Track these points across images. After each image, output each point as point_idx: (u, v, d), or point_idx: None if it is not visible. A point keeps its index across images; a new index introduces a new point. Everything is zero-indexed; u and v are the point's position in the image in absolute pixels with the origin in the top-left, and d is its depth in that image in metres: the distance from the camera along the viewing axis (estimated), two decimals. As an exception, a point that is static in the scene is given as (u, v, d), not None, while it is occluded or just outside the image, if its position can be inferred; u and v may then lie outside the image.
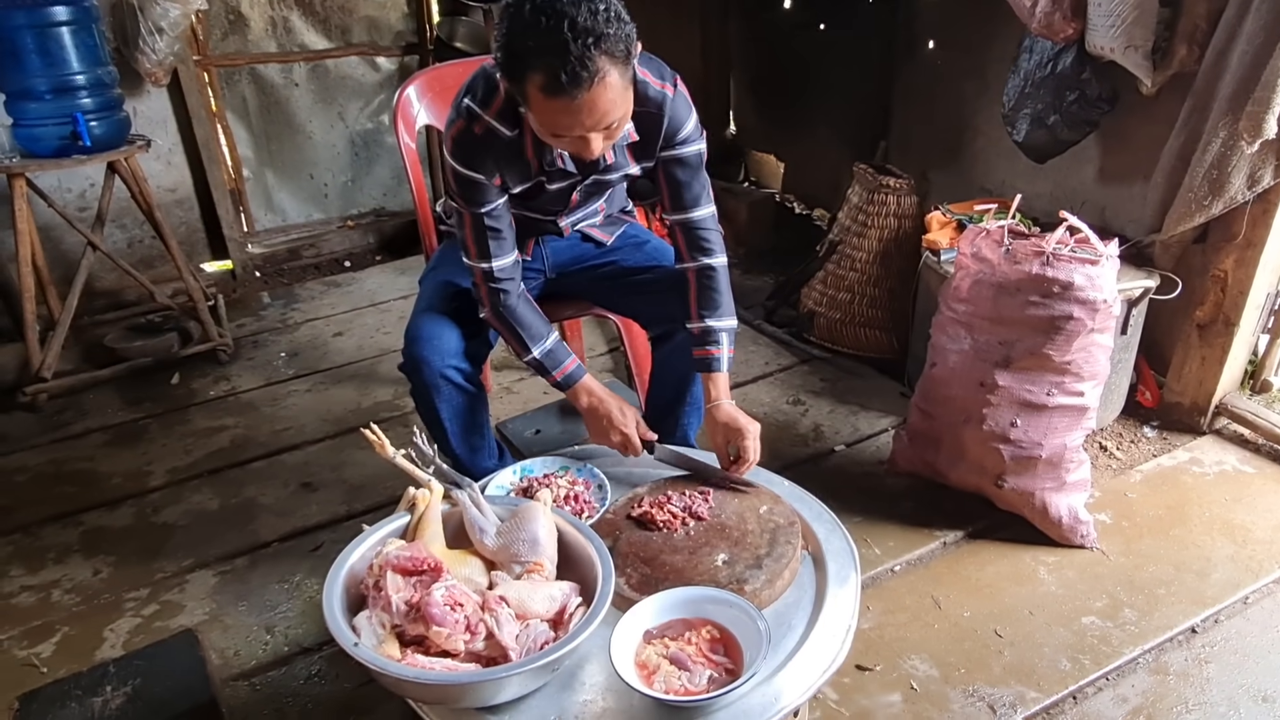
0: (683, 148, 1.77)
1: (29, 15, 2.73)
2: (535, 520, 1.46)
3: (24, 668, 1.95)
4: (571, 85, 1.36)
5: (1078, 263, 1.98)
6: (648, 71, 1.68)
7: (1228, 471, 2.45)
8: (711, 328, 1.82)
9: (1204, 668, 1.84)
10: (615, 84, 1.41)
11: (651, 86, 1.68)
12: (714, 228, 1.85)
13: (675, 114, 1.72)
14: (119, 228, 3.72)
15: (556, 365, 1.84)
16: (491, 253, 1.77)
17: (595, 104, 1.41)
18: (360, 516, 2.39)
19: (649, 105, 1.69)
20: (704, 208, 1.82)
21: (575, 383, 1.84)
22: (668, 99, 1.70)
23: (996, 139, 3.08)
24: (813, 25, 4.06)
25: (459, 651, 1.29)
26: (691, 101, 1.76)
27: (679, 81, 1.74)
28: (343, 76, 4.26)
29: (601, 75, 1.37)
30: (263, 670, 1.92)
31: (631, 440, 1.78)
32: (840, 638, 1.39)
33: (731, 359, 1.83)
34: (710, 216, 1.84)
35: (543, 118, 1.47)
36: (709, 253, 1.83)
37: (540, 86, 1.39)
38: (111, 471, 2.67)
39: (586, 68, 1.35)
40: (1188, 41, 2.29)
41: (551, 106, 1.42)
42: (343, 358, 3.35)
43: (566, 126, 1.46)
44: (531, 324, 1.83)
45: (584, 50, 1.34)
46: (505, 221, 1.77)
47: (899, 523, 2.26)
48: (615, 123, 1.49)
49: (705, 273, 1.83)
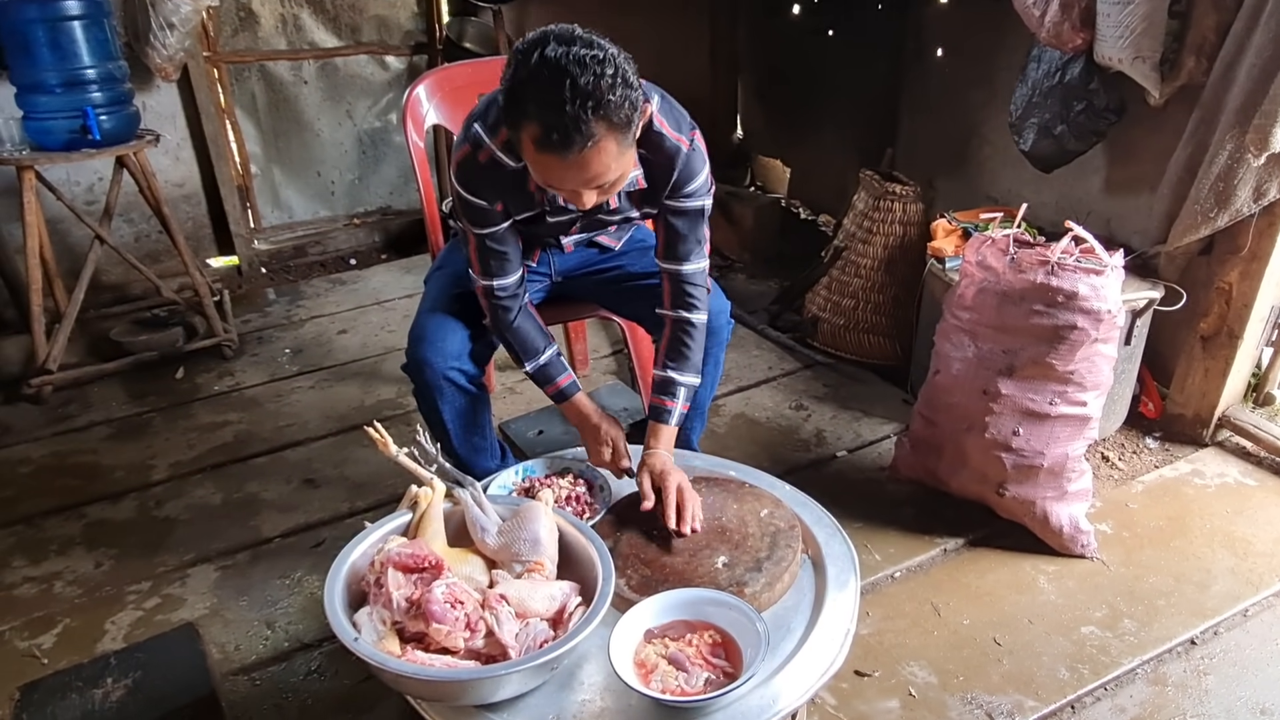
0: (687, 200, 1.74)
1: (41, 9, 2.75)
2: (536, 520, 1.46)
3: (25, 658, 1.96)
4: (562, 146, 1.35)
5: (1082, 273, 1.98)
6: (665, 122, 1.65)
7: (1229, 484, 2.45)
8: (673, 380, 1.80)
9: (1203, 679, 1.84)
10: (610, 150, 1.39)
11: (668, 139, 1.65)
12: (702, 284, 1.82)
13: (687, 167, 1.69)
14: (126, 222, 3.73)
15: (549, 381, 1.86)
16: (494, 272, 1.78)
17: (587, 166, 1.39)
18: (362, 514, 2.39)
19: (662, 156, 1.67)
20: (695, 262, 1.80)
21: (566, 400, 1.86)
22: (682, 152, 1.67)
23: (1003, 148, 3.08)
24: (821, 31, 4.06)
25: (459, 649, 1.29)
26: (707, 156, 1.73)
27: (697, 135, 1.71)
28: (352, 75, 4.28)
29: (595, 140, 1.35)
30: (263, 665, 1.93)
31: (619, 466, 1.81)
32: (839, 642, 1.39)
33: (683, 414, 1.80)
34: (700, 272, 1.81)
35: (535, 169, 1.47)
36: (692, 309, 1.81)
37: (533, 139, 1.38)
38: (115, 465, 2.68)
39: (580, 131, 1.33)
40: (1196, 53, 2.29)
41: (543, 160, 1.41)
42: (347, 355, 3.35)
43: (558, 180, 1.45)
44: (530, 339, 1.85)
45: (579, 113, 1.32)
46: (510, 243, 1.77)
47: (900, 529, 2.26)
48: (609, 184, 1.47)
49: (683, 326, 1.81)
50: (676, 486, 1.65)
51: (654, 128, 1.63)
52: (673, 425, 1.78)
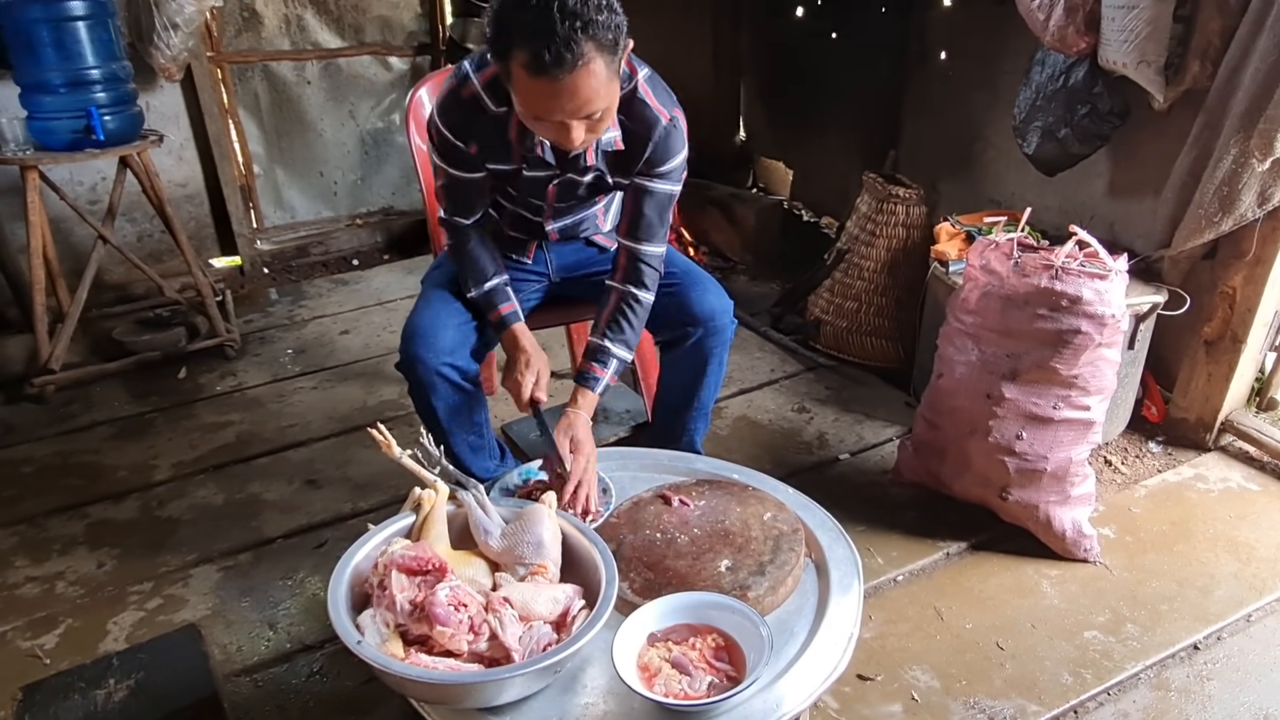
0: (658, 181, 1.78)
1: (45, 9, 2.75)
2: (540, 523, 1.46)
3: (27, 659, 1.96)
4: (555, 66, 1.38)
5: (1086, 277, 1.98)
6: (651, 93, 1.70)
7: (1232, 489, 2.45)
8: (607, 349, 1.84)
9: (1206, 685, 1.84)
10: (599, 72, 1.43)
11: (650, 108, 1.70)
12: (657, 267, 1.86)
13: (665, 141, 1.73)
14: (129, 221, 3.73)
15: (492, 307, 1.89)
16: (455, 211, 1.86)
17: (578, 89, 1.42)
18: (364, 515, 2.39)
19: (642, 124, 1.71)
20: (656, 245, 1.84)
21: (505, 328, 1.89)
22: (660, 124, 1.71)
23: (1007, 151, 3.08)
24: (824, 33, 4.07)
25: (462, 652, 1.29)
26: (688, 140, 1.77)
27: (680, 115, 1.74)
28: (355, 75, 4.28)
29: (586, 60, 1.39)
30: (265, 666, 1.93)
31: (520, 392, 1.82)
32: (842, 646, 1.39)
33: (609, 386, 1.85)
34: (658, 256, 1.86)
35: (525, 98, 1.48)
36: (641, 285, 1.85)
37: (524, 65, 1.40)
38: (117, 464, 2.68)
39: (571, 50, 1.37)
40: (1200, 58, 2.29)
41: (534, 87, 1.43)
42: (349, 356, 3.35)
43: (547, 109, 1.47)
44: (480, 264, 1.88)
45: (570, 33, 1.36)
46: (477, 195, 1.83)
47: (902, 533, 2.26)
48: (598, 113, 1.50)
49: (629, 300, 1.85)
50: (584, 465, 1.69)
51: (638, 95, 1.68)
52: (596, 393, 1.83)
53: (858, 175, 3.28)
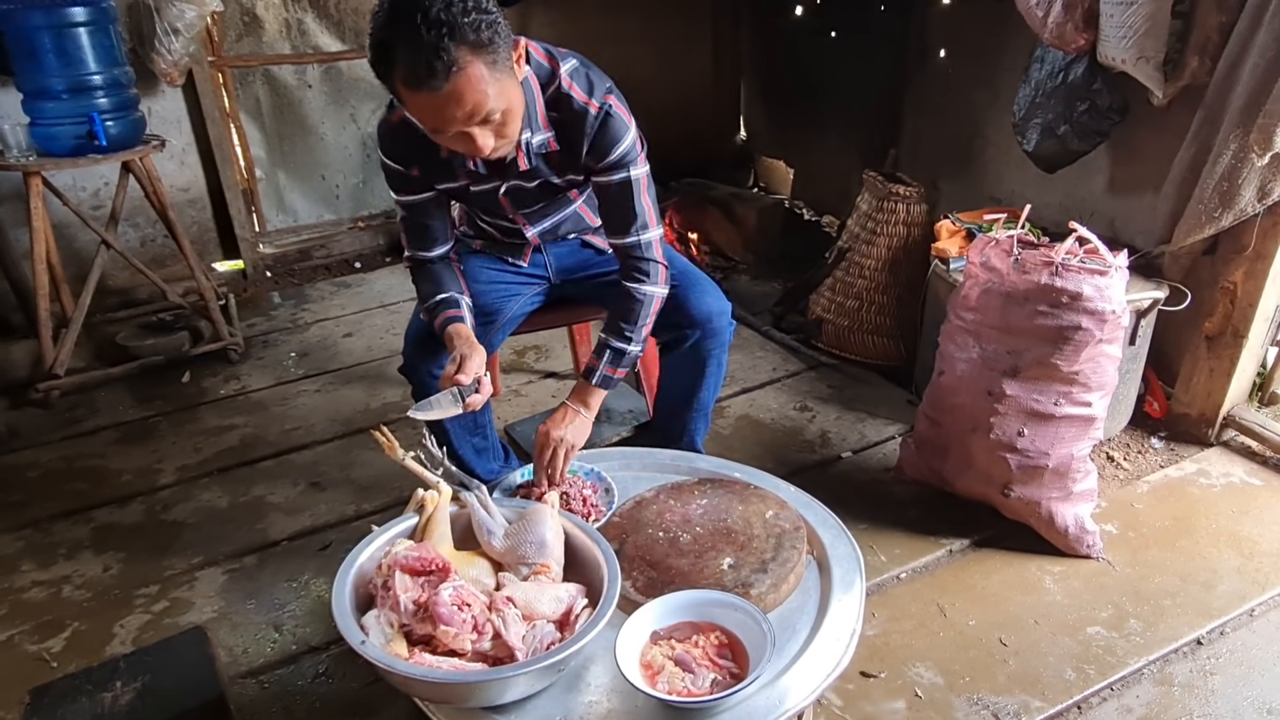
0: (611, 174, 1.76)
1: (47, 15, 2.77)
2: (543, 522, 1.47)
3: (35, 662, 1.97)
4: (429, 77, 1.36)
5: (1087, 273, 1.98)
6: (575, 85, 1.68)
7: (1235, 484, 2.45)
8: (604, 340, 1.85)
9: (1209, 680, 1.84)
10: (480, 75, 1.40)
11: (576, 100, 1.68)
12: (649, 256, 1.83)
13: (601, 133, 1.70)
14: (132, 226, 3.75)
15: (441, 313, 1.83)
16: (416, 245, 1.85)
17: (461, 95, 1.40)
18: (368, 517, 2.40)
19: (571, 118, 1.69)
20: (636, 234, 1.81)
21: (444, 329, 1.81)
22: (590, 115, 1.69)
23: (1006, 148, 3.08)
24: (824, 32, 4.07)
25: (466, 651, 1.30)
26: (630, 120, 1.73)
27: (614, 100, 1.71)
28: (355, 78, 4.29)
29: (460, 66, 1.37)
30: (271, 668, 1.93)
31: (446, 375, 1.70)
32: (844, 643, 1.39)
33: (608, 378, 1.84)
34: (645, 244, 1.82)
35: (416, 114, 1.48)
36: (637, 279, 1.83)
37: (401, 81, 1.40)
38: (122, 468, 2.69)
39: (442, 58, 1.35)
40: (1199, 53, 2.29)
41: (418, 102, 1.43)
42: (352, 358, 3.36)
43: (440, 121, 1.46)
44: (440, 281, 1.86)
45: (438, 40, 1.34)
46: (435, 218, 1.83)
47: (905, 530, 2.26)
48: (496, 114, 1.48)
49: (630, 295, 1.84)
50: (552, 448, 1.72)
51: (562, 90, 1.67)
52: (592, 384, 1.83)
53: (858, 174, 3.28)
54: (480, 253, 2.10)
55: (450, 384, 1.67)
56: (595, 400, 1.84)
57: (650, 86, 4.37)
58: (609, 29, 4.38)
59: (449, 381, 1.68)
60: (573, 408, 1.82)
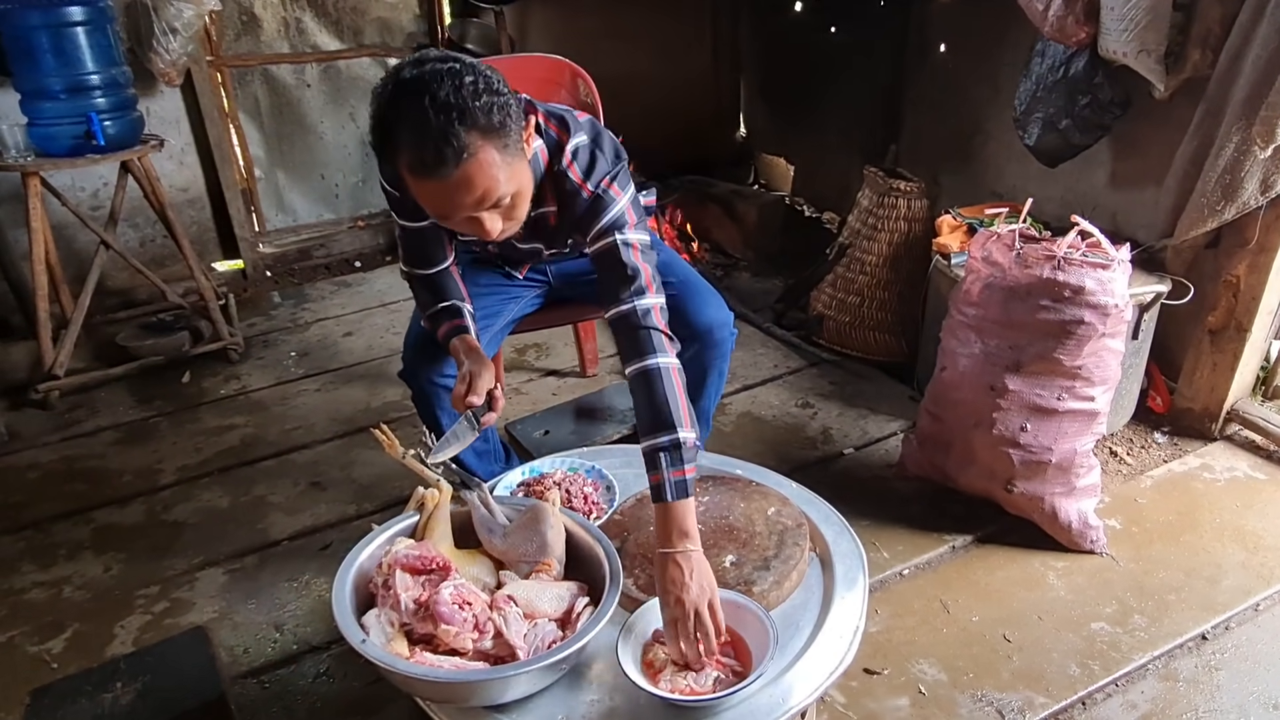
0: (601, 239, 1.61)
1: (44, 15, 2.76)
2: (544, 521, 1.46)
3: (35, 663, 1.96)
4: (438, 165, 1.28)
5: (1089, 267, 1.98)
6: (575, 165, 1.60)
7: (1239, 478, 2.44)
8: (653, 447, 1.49)
9: (1214, 674, 1.83)
10: (492, 160, 1.32)
11: (570, 182, 1.60)
12: (650, 324, 1.57)
13: (586, 214, 1.61)
14: (131, 226, 3.74)
15: (446, 320, 1.76)
16: (416, 262, 1.78)
17: (471, 182, 1.32)
18: (369, 516, 2.40)
19: (565, 198, 1.63)
20: (630, 302, 1.57)
21: (448, 341, 1.75)
22: (580, 198, 1.60)
23: (1008, 143, 3.07)
24: (824, 28, 4.06)
25: (467, 650, 1.30)
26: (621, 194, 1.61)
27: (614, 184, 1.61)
28: (354, 77, 4.28)
29: (472, 152, 1.29)
30: (272, 668, 1.93)
31: (457, 396, 1.63)
32: (848, 640, 1.39)
33: (680, 482, 1.45)
34: (640, 312, 1.57)
35: (421, 200, 1.39)
36: (643, 355, 1.55)
37: (408, 167, 1.32)
38: (122, 469, 2.69)
39: (452, 144, 1.27)
40: (1201, 46, 2.28)
41: (425, 189, 1.34)
42: (352, 357, 3.36)
43: (447, 209, 1.37)
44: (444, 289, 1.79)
45: (447, 126, 1.26)
46: (433, 242, 1.74)
47: (908, 526, 2.26)
48: (505, 199, 1.39)
49: (640, 380, 1.54)
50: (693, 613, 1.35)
51: (562, 167, 1.59)
52: (670, 500, 1.44)
53: (859, 170, 3.27)
54: (478, 256, 2.09)
55: (463, 406, 1.61)
56: (686, 519, 1.44)
57: (650, 83, 4.36)
58: (608, 26, 4.36)
59: (460, 403, 1.62)
60: (673, 551, 1.41)
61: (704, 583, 1.38)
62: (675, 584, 1.37)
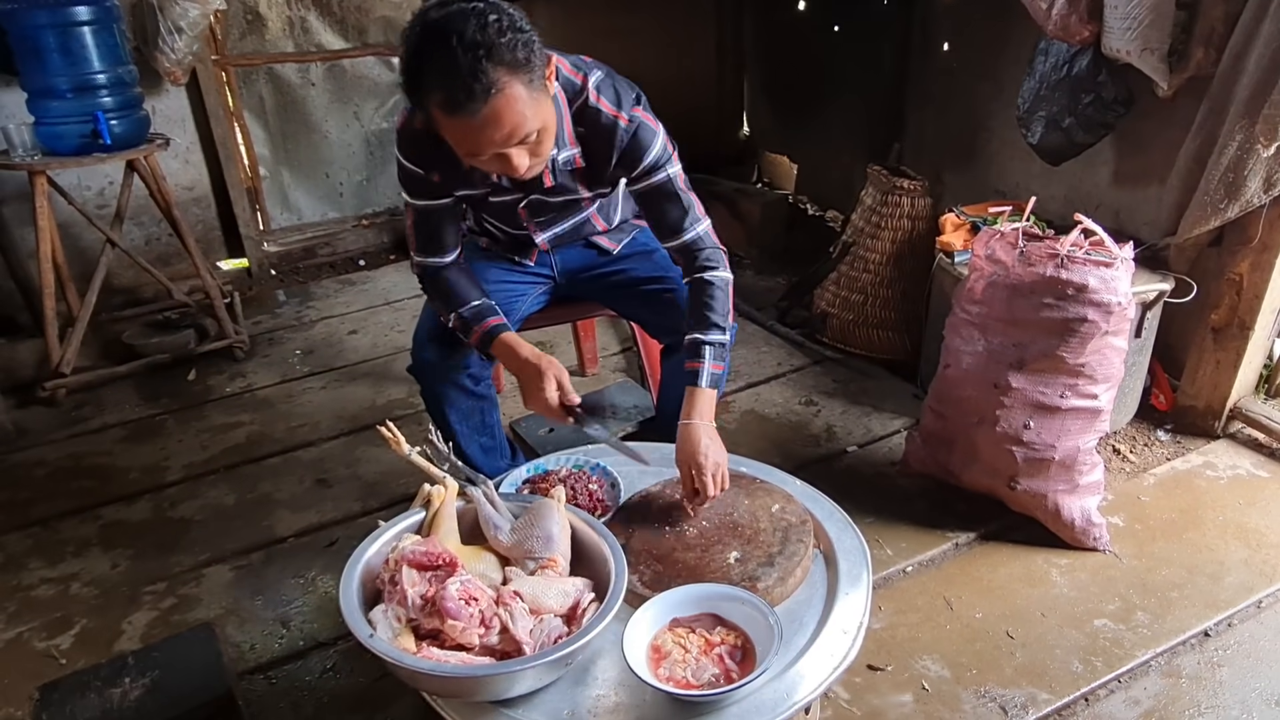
0: (650, 177, 1.73)
1: (51, 15, 2.77)
2: (549, 517, 1.47)
3: (44, 659, 1.98)
4: (468, 100, 1.33)
5: (1092, 265, 1.98)
6: (603, 98, 1.65)
7: (1242, 476, 2.44)
8: (696, 340, 1.74)
9: (1217, 671, 1.84)
10: (519, 95, 1.37)
11: (604, 114, 1.65)
12: (709, 244, 1.79)
13: (632, 143, 1.68)
14: (137, 225, 3.75)
15: (479, 320, 1.77)
16: (428, 250, 1.79)
17: (500, 118, 1.37)
18: (375, 513, 2.41)
19: (599, 132, 1.66)
20: (692, 229, 1.78)
21: (493, 339, 1.76)
22: (619, 128, 1.66)
23: (1011, 141, 3.07)
24: (827, 26, 4.06)
25: (473, 645, 1.30)
26: (657, 124, 1.71)
27: (641, 110, 1.69)
28: (359, 76, 4.29)
29: (499, 87, 1.34)
30: (279, 664, 1.94)
31: (552, 408, 1.70)
32: (851, 636, 1.39)
33: (716, 375, 1.72)
34: (701, 236, 1.79)
35: (452, 139, 1.44)
36: (705, 269, 1.77)
37: (439, 106, 1.37)
38: (129, 466, 2.70)
39: (480, 80, 1.32)
40: (1204, 44, 2.28)
41: (455, 126, 1.39)
42: (357, 355, 3.37)
43: (477, 145, 1.42)
44: (459, 289, 1.80)
45: (475, 63, 1.31)
46: (448, 224, 1.77)
47: (911, 523, 2.26)
48: (532, 135, 1.44)
49: (699, 286, 1.77)
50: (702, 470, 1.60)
51: (590, 104, 1.64)
52: (703, 386, 1.70)
53: (862, 168, 3.28)
54: (486, 251, 2.09)
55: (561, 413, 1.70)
56: (711, 405, 1.70)
57: (653, 82, 4.34)
58: (611, 24, 4.37)
59: (557, 411, 1.70)
60: (695, 423, 1.66)
61: (716, 447, 1.64)
62: (694, 443, 1.62)
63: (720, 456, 1.64)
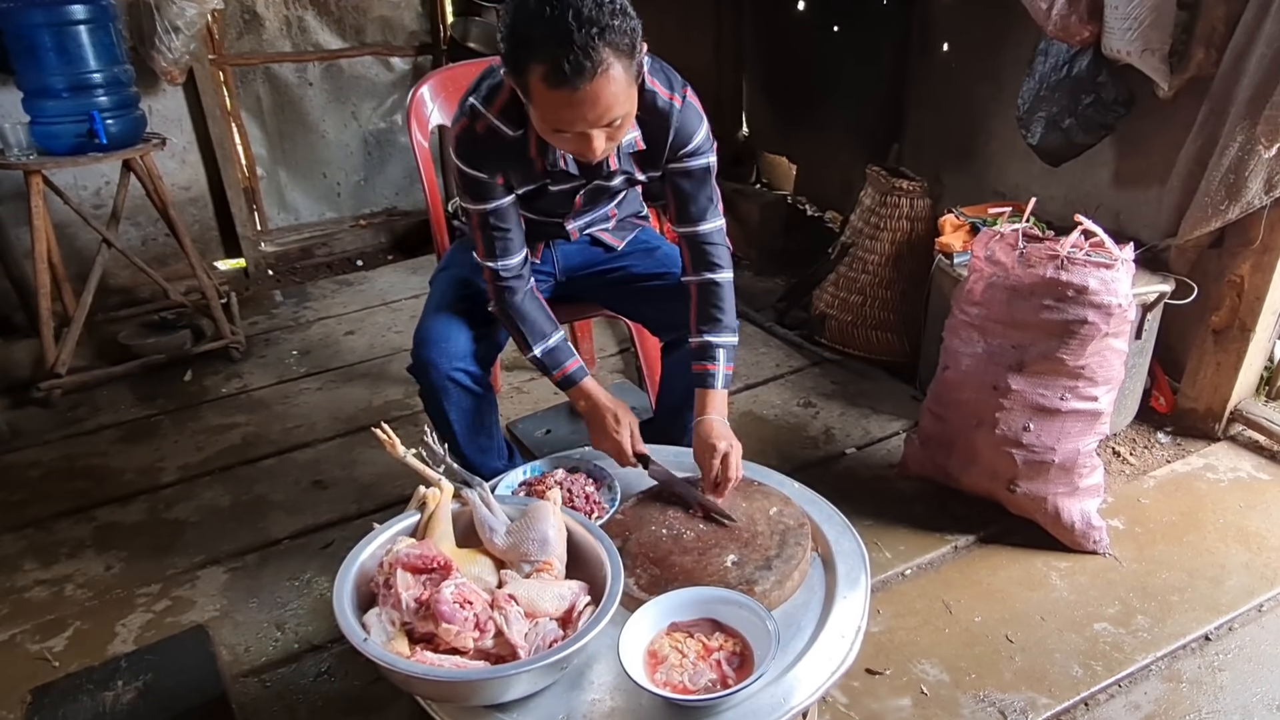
0: (690, 160, 1.75)
1: (47, 14, 2.76)
2: (545, 520, 1.46)
3: (36, 661, 1.96)
4: (574, 75, 1.34)
5: (1092, 267, 1.97)
6: (657, 81, 1.67)
7: (1242, 478, 2.43)
8: (709, 343, 1.79)
9: (1217, 675, 1.83)
10: (619, 78, 1.39)
11: (660, 96, 1.67)
12: (721, 242, 1.82)
13: (683, 125, 1.70)
14: (133, 225, 3.74)
15: (557, 365, 1.83)
16: (497, 252, 1.77)
17: (598, 97, 1.39)
18: (370, 515, 2.40)
19: (656, 115, 1.68)
20: (710, 221, 1.80)
21: (574, 384, 1.83)
22: (675, 110, 1.68)
23: (1011, 142, 3.06)
24: (826, 26, 4.05)
25: (468, 649, 1.29)
26: (703, 112, 1.75)
27: (689, 92, 1.72)
28: (356, 76, 4.28)
29: (605, 67, 1.36)
30: (273, 667, 1.93)
31: (624, 450, 1.77)
32: (849, 640, 1.38)
33: (728, 376, 1.79)
34: (717, 230, 1.81)
35: (545, 111, 1.45)
36: (714, 268, 1.81)
37: (543, 77, 1.37)
38: (124, 467, 2.69)
39: (590, 57, 1.33)
40: (1205, 45, 2.27)
41: (554, 99, 1.40)
42: (354, 356, 3.36)
43: (568, 121, 1.43)
44: (536, 322, 1.83)
45: (588, 40, 1.32)
46: (513, 220, 1.77)
47: (910, 526, 2.25)
48: (618, 120, 1.47)
49: (708, 287, 1.81)
50: (722, 456, 1.66)
51: (645, 86, 1.63)
52: (718, 388, 1.77)
53: (861, 169, 3.27)
54: None
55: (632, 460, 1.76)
56: (724, 402, 1.78)
57: (652, 82, 4.36)
58: (610, 25, 4.36)
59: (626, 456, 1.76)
60: (710, 419, 1.74)
61: (731, 440, 1.69)
62: (712, 434, 1.69)
63: (737, 444, 1.70)
